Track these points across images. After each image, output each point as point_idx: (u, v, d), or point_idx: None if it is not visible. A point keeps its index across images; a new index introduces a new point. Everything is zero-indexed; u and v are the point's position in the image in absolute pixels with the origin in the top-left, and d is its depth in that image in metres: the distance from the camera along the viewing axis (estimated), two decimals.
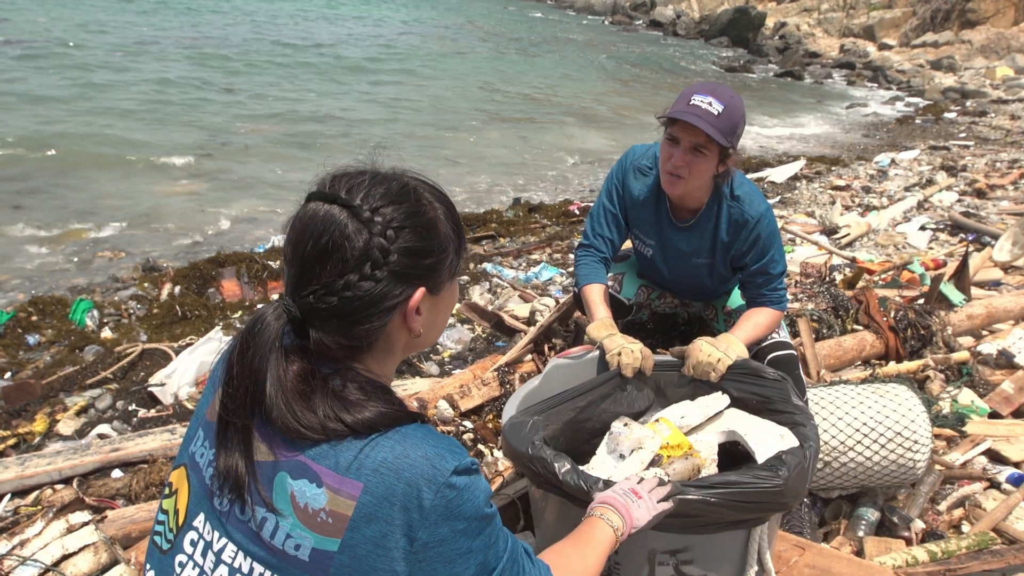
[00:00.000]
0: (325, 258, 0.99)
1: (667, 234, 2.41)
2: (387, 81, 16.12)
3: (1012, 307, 3.85)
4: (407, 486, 0.95)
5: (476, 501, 0.99)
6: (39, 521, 1.80)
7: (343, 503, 0.94)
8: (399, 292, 1.03)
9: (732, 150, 2.12)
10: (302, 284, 1.01)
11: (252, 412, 0.99)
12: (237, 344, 1.01)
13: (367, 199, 1.01)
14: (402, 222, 1.02)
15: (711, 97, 2.04)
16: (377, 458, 0.96)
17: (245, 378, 0.98)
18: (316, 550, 0.95)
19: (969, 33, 25.98)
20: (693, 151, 2.09)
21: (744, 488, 1.44)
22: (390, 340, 1.07)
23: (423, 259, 1.04)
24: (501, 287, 4.97)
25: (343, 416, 0.97)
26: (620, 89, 18.08)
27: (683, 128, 2.08)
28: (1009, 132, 12.87)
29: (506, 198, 8.67)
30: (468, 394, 2.95)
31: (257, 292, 5.21)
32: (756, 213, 2.25)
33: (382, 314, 1.02)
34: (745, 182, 2.31)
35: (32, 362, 4.08)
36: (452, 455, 0.99)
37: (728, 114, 2.04)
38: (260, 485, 0.98)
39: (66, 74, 13.03)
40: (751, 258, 2.29)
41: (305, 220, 1.01)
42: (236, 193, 8.25)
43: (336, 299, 0.99)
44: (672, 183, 2.19)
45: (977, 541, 2.24)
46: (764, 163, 10.31)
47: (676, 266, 2.47)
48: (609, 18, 39.94)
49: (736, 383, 1.97)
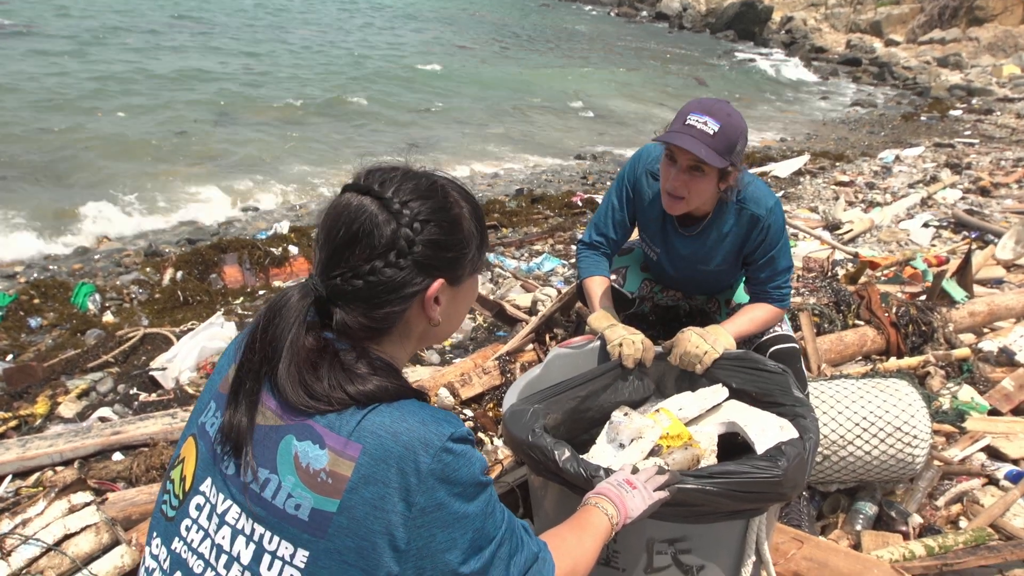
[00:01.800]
0: (355, 244, 1.06)
1: (672, 242, 2.39)
2: (385, 71, 16.08)
3: (1014, 305, 3.85)
4: (404, 449, 0.99)
5: (472, 467, 1.03)
6: (41, 501, 1.81)
7: (343, 464, 0.98)
8: (420, 281, 1.09)
9: (732, 167, 2.08)
10: (331, 266, 1.08)
11: (263, 374, 1.05)
12: (262, 316, 1.07)
13: (398, 192, 1.08)
14: (428, 216, 1.09)
15: (707, 116, 2.00)
16: (376, 421, 1.00)
17: (265, 344, 1.05)
18: (315, 510, 0.98)
19: (976, 30, 25.86)
20: (690, 171, 2.06)
21: (743, 478, 1.45)
22: (409, 326, 1.13)
23: (445, 252, 1.11)
24: (503, 277, 4.97)
25: (346, 387, 1.02)
26: (632, 81, 18.03)
27: (678, 149, 2.05)
28: (1015, 130, 12.83)
29: (509, 188, 8.67)
30: (469, 382, 2.96)
31: (259, 278, 5.22)
32: (765, 210, 2.22)
33: (403, 300, 1.09)
34: (755, 183, 2.27)
35: (34, 345, 4.09)
36: (449, 423, 1.03)
37: (724, 132, 2.00)
38: (266, 447, 1.02)
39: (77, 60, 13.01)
40: (759, 253, 2.28)
41: (340, 208, 1.09)
42: (240, 178, 8.24)
43: (362, 282, 1.06)
44: (672, 204, 2.16)
45: (974, 537, 2.24)
46: (768, 158, 10.29)
47: (683, 270, 2.47)
48: (615, 9, 39.75)
49: (736, 374, 1.97)
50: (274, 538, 1.00)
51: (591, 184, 8.94)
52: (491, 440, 2.75)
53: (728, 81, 20.04)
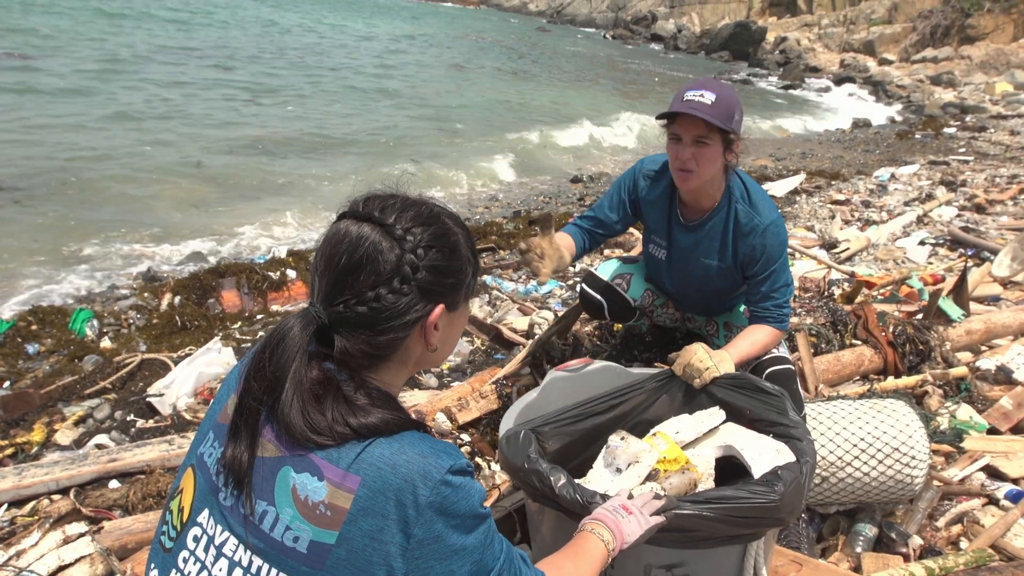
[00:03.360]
0: (358, 271, 1.06)
1: (675, 234, 2.45)
2: (390, 92, 16.19)
3: (1011, 323, 3.85)
4: (403, 481, 0.99)
5: (471, 500, 1.03)
6: (35, 532, 1.80)
7: (342, 496, 0.98)
8: (422, 307, 1.10)
9: (734, 135, 2.17)
10: (334, 294, 1.08)
11: (264, 405, 1.04)
12: (263, 345, 1.07)
13: (400, 219, 1.09)
14: (430, 242, 1.10)
15: (703, 90, 2.12)
16: (376, 453, 1.00)
17: (267, 375, 1.04)
18: (314, 542, 0.98)
19: (968, 49, 26.12)
20: (696, 143, 2.15)
21: (740, 503, 1.44)
22: (408, 352, 1.14)
23: (446, 278, 1.12)
24: (500, 300, 4.97)
25: (349, 420, 1.02)
26: (625, 103, 18.16)
27: (682, 123, 2.15)
28: (1008, 147, 12.90)
29: (506, 210, 8.70)
30: (466, 407, 2.95)
31: (257, 303, 5.21)
32: (766, 220, 2.28)
33: (405, 326, 1.10)
34: (761, 192, 2.36)
35: (31, 371, 4.08)
36: (448, 456, 1.03)
37: (722, 102, 2.11)
38: (264, 478, 1.02)
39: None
40: (757, 268, 2.31)
41: (339, 236, 1.09)
42: (238, 203, 8.27)
43: (366, 308, 1.07)
44: (684, 178, 2.23)
45: (975, 558, 2.23)
46: (764, 177, 10.33)
47: (684, 268, 2.49)
48: (610, 32, 40.16)
49: (733, 396, 1.97)
50: (272, 570, 1.00)
51: (587, 205, 8.96)
52: (488, 465, 2.74)
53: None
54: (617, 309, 2.65)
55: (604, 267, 2.68)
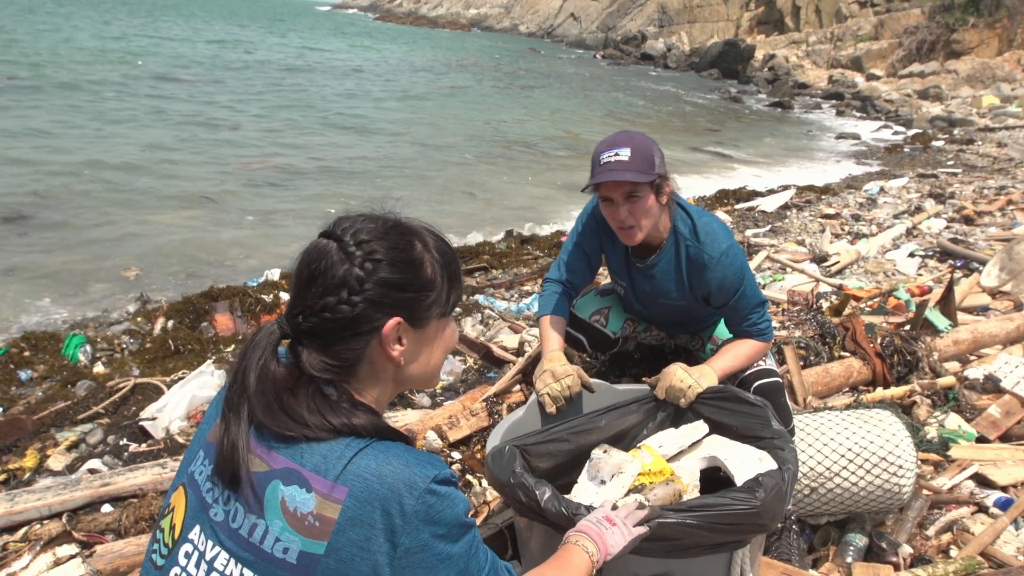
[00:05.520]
0: (312, 283, 1.11)
1: (633, 275, 2.46)
2: (381, 116, 16.32)
3: (998, 332, 3.88)
4: (389, 491, 1.01)
5: (456, 509, 1.05)
6: (26, 555, 1.80)
7: (330, 507, 1.00)
8: (376, 318, 1.11)
9: (660, 178, 2.17)
10: (295, 306, 1.13)
11: (245, 414, 1.08)
12: (237, 359, 1.12)
13: (355, 235, 1.13)
14: (382, 256, 1.12)
15: (615, 148, 2.13)
16: (363, 464, 1.02)
17: (239, 381, 1.08)
18: (303, 553, 1.00)
19: (954, 63, 26.44)
20: (627, 200, 2.16)
21: (722, 510, 1.46)
22: (374, 366, 1.15)
23: (400, 292, 1.13)
24: (493, 318, 4.99)
25: (328, 416, 1.05)
26: (614, 123, 18.33)
27: (608, 187, 2.16)
28: (996, 159, 13.04)
29: (498, 229, 8.74)
30: (457, 424, 2.96)
31: (250, 326, 5.22)
32: (716, 253, 2.25)
33: (358, 337, 1.12)
34: (708, 220, 2.32)
35: (23, 397, 4.08)
36: (433, 466, 1.06)
37: (637, 153, 2.11)
38: (254, 492, 1.04)
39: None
40: (720, 298, 2.31)
41: (308, 251, 1.14)
42: (231, 226, 8.30)
43: (316, 319, 1.10)
44: (628, 235, 2.23)
45: (965, 566, 2.24)
46: (754, 192, 10.41)
47: (648, 305, 2.51)
48: (601, 52, 40.51)
49: (717, 409, 1.99)
50: None
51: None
52: (479, 482, 2.74)
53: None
54: (598, 343, 2.66)
55: (582, 304, 2.67)
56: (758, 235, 7.55)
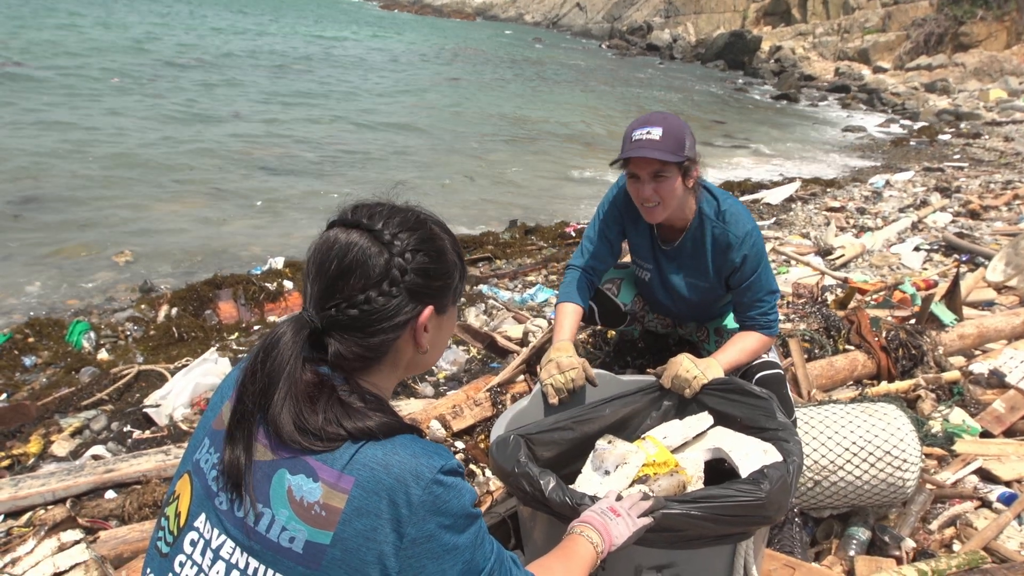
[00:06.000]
0: (348, 275, 1.10)
1: (659, 257, 2.47)
2: (387, 105, 16.28)
3: (1003, 327, 3.87)
4: (395, 481, 1.01)
5: (462, 499, 1.05)
6: (31, 539, 1.81)
7: (336, 496, 1.00)
8: (411, 308, 1.14)
9: (689, 161, 2.20)
10: (326, 298, 1.11)
11: (260, 408, 1.06)
12: (257, 351, 1.09)
13: (387, 225, 1.13)
14: (417, 246, 1.14)
15: (648, 127, 2.16)
16: (369, 454, 1.03)
17: (263, 379, 1.06)
18: (309, 542, 1.00)
19: (962, 56, 26.26)
20: (654, 179, 2.19)
21: (727, 502, 1.46)
22: (398, 354, 1.17)
23: (434, 281, 1.16)
24: (496, 309, 4.99)
25: (344, 422, 1.04)
26: (619, 114, 18.26)
27: (636, 164, 2.19)
28: (1003, 153, 12.96)
29: (503, 220, 8.73)
30: (460, 414, 2.96)
31: (254, 314, 5.23)
32: (741, 233, 2.30)
33: (395, 328, 1.13)
34: (733, 203, 2.37)
35: (28, 383, 4.09)
36: (440, 456, 1.06)
37: (669, 133, 2.14)
38: (259, 481, 1.04)
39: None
40: (738, 279, 2.33)
41: (329, 243, 1.13)
42: (236, 215, 8.29)
43: (357, 311, 1.10)
44: (651, 213, 2.27)
45: (968, 560, 2.24)
46: (760, 185, 10.38)
47: (671, 287, 2.51)
48: (606, 42, 40.31)
49: (721, 400, 1.99)
50: (268, 571, 1.02)
51: (583, 216, 9.00)
52: (483, 472, 2.75)
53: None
54: (607, 313, 2.67)
55: None
56: (763, 227, 7.53)
